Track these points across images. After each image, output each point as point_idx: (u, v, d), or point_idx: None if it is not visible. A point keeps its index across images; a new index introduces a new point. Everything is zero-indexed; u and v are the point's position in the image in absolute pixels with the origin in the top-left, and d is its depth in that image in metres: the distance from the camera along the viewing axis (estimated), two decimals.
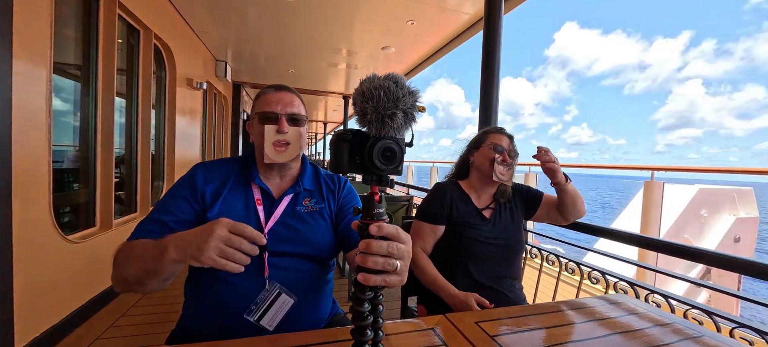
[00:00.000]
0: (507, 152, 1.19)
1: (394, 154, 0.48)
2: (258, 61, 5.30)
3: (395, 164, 0.49)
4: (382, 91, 0.45)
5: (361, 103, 0.47)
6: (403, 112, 0.47)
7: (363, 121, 0.48)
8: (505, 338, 0.73)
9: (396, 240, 0.52)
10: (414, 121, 0.49)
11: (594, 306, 0.96)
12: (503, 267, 1.17)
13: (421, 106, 0.48)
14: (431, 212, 1.22)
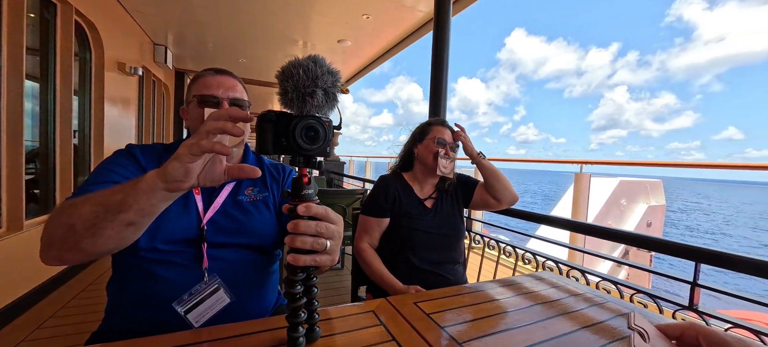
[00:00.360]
0: (449, 145, 1.24)
1: (318, 133, 0.49)
2: (204, 47, 4.94)
3: (319, 144, 0.50)
4: (301, 69, 0.45)
5: (283, 81, 0.47)
6: (323, 90, 0.47)
7: (285, 100, 0.48)
8: (440, 314, 0.77)
9: (325, 220, 0.53)
10: (336, 101, 0.50)
11: (522, 283, 1.05)
12: (444, 252, 1.23)
13: (344, 87, 0.49)
14: (376, 206, 1.24)
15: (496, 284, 1.04)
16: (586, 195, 3.40)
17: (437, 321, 0.73)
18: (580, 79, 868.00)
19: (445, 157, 1.21)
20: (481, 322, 0.76)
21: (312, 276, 0.58)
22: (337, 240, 0.55)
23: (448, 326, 0.71)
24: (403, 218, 1.22)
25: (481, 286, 1.02)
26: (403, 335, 0.67)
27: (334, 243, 0.55)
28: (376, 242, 1.24)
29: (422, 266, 1.18)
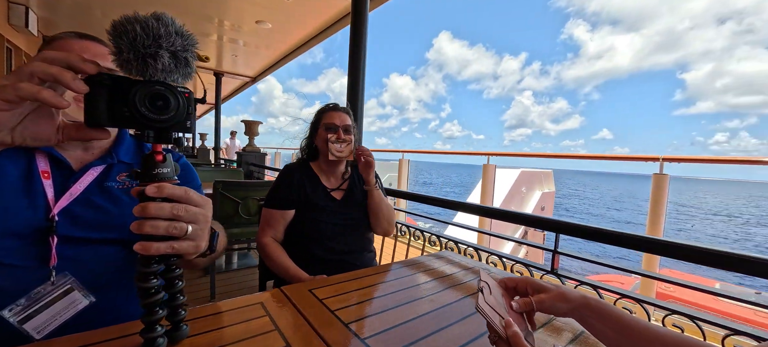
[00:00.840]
0: (341, 128, 1.21)
1: (168, 101, 0.43)
2: (89, 12, 4.03)
3: (171, 114, 0.43)
4: (138, 25, 0.39)
5: (115, 39, 0.39)
6: (170, 53, 0.41)
7: (120, 61, 0.40)
8: (334, 299, 0.77)
9: (185, 203, 0.47)
10: (190, 68, 0.44)
11: (423, 262, 1.12)
12: (354, 241, 1.22)
13: (202, 53, 0.44)
14: (279, 197, 1.18)
15: (399, 265, 1.08)
16: (492, 184, 3.81)
17: (330, 306, 0.73)
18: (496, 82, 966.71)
19: (337, 142, 1.18)
20: (375, 302, 0.78)
21: (174, 266, 0.51)
22: (202, 225, 0.50)
23: (339, 309, 0.71)
24: (309, 209, 1.18)
25: (382, 268, 1.05)
26: (289, 324, 0.64)
27: (198, 227, 0.49)
28: (280, 235, 1.18)
29: (330, 256, 1.16)
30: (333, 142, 1.17)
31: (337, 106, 1.27)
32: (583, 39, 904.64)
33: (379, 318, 0.70)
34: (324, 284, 0.85)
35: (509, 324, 0.44)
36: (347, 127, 1.22)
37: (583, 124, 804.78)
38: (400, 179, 5.27)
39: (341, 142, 1.18)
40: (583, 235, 1.04)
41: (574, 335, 0.69)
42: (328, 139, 1.16)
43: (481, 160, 4.05)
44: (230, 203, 2.36)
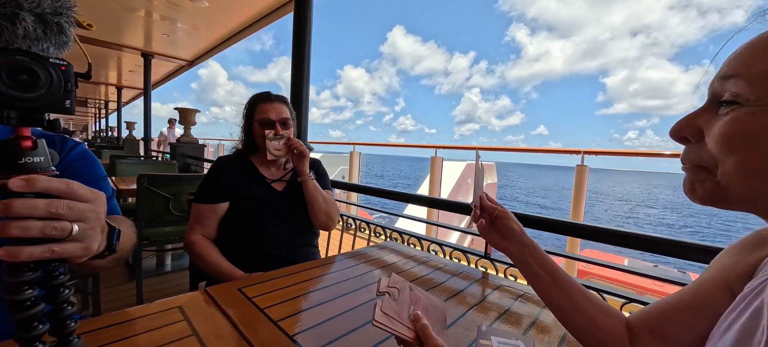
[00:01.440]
0: (278, 123, 1.11)
1: (36, 76, 0.35)
2: None
3: (40, 91, 0.36)
4: None
5: None
6: (35, 15, 0.34)
7: None
8: (266, 297, 0.73)
9: (67, 198, 0.40)
10: (64, 36, 0.37)
11: (366, 253, 1.12)
12: (299, 236, 1.17)
13: (81, 19, 0.37)
14: (210, 191, 1.08)
15: (342, 257, 1.07)
16: (439, 176, 3.96)
17: (260, 304, 0.68)
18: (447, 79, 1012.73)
19: (274, 139, 1.09)
20: (311, 296, 0.76)
21: (57, 273, 0.43)
22: (92, 223, 0.43)
23: (270, 307, 0.67)
24: (247, 202, 1.10)
25: (322, 262, 1.03)
26: (210, 328, 0.59)
27: (86, 226, 0.42)
28: (212, 231, 1.09)
29: (270, 250, 1.10)
30: (270, 139, 1.08)
31: (270, 96, 1.16)
32: (524, 42, 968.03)
33: (313, 313, 0.67)
34: (256, 281, 0.80)
35: (418, 318, 0.45)
36: (285, 120, 1.14)
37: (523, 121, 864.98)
38: (352, 171, 5.23)
39: (279, 138, 1.10)
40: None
41: (499, 313, 0.74)
42: (266, 136, 1.08)
43: (431, 153, 4.18)
44: (159, 199, 2.13)
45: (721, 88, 0.33)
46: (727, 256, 0.47)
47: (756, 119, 0.30)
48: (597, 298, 0.54)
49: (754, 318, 0.39)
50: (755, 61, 0.30)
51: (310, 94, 2.19)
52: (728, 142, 0.31)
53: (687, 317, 0.47)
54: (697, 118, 0.35)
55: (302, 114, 2.07)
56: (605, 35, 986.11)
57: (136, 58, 5.80)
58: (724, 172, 0.32)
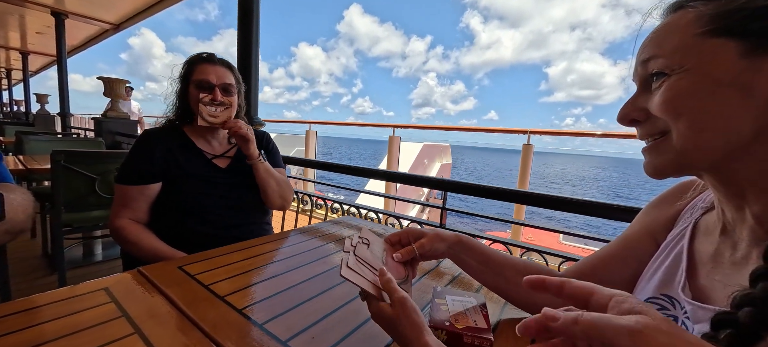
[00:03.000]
0: (219, 88, 1.00)
1: None
2: None
3: None
4: None
5: None
6: None
7: None
8: (211, 273, 0.67)
9: None
10: None
11: (322, 228, 1.08)
12: (246, 214, 1.08)
13: None
14: (136, 170, 0.95)
15: (296, 232, 1.03)
16: (397, 155, 3.99)
17: (204, 281, 0.63)
18: (405, 62, 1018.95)
19: (210, 104, 0.97)
20: (261, 270, 0.71)
21: None
22: None
23: (216, 283, 0.62)
24: (185, 181, 0.98)
25: (275, 237, 0.98)
26: (144, 308, 0.53)
27: None
28: (143, 215, 0.97)
29: (214, 232, 1.00)
30: (206, 103, 0.96)
31: (212, 58, 1.03)
32: (477, 30, 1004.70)
33: (264, 286, 0.64)
34: (201, 259, 0.73)
35: (383, 273, 0.44)
36: (227, 87, 1.02)
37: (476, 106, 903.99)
38: (308, 152, 5.07)
39: (218, 104, 0.98)
40: (465, 191, 1.17)
41: (452, 276, 0.76)
42: (201, 99, 0.96)
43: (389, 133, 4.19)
44: (82, 179, 1.87)
45: (645, 71, 0.37)
46: (650, 210, 0.52)
47: (685, 81, 0.33)
48: (530, 268, 0.58)
49: (675, 262, 0.43)
50: (664, 41, 0.35)
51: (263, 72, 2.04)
52: (672, 104, 0.34)
53: (616, 266, 0.52)
54: (637, 100, 0.38)
55: (251, 88, 1.92)
56: (548, 28, 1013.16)
57: (44, 17, 4.91)
58: (679, 134, 0.34)
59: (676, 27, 0.35)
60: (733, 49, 0.31)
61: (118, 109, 3.65)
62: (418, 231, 0.58)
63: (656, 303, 0.43)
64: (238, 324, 0.50)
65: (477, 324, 0.49)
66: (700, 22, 0.33)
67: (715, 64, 0.32)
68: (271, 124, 17.75)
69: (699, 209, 0.45)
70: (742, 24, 0.31)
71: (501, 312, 0.61)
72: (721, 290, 0.36)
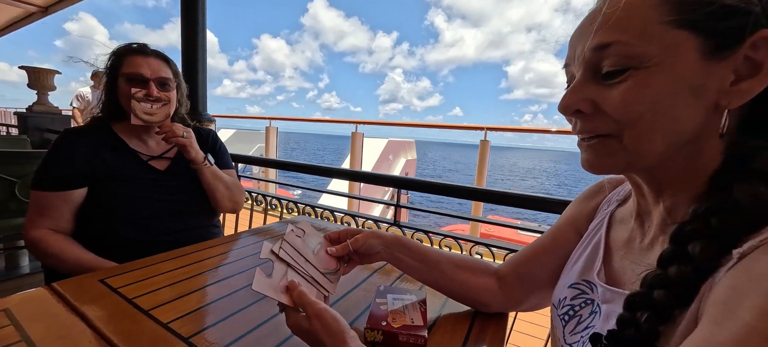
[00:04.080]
0: (154, 82, 0.91)
1: None
2: None
3: None
4: None
5: None
6: None
7: None
8: (139, 284, 0.62)
9: None
10: None
11: (275, 228, 1.05)
12: (190, 218, 1.00)
13: None
14: (55, 174, 0.85)
15: (246, 234, 0.98)
16: (360, 151, 3.98)
17: (127, 294, 0.58)
18: (371, 57, 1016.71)
19: (145, 100, 0.88)
20: (199, 278, 0.67)
21: None
22: None
23: (142, 296, 0.57)
24: (115, 184, 0.89)
25: (220, 241, 0.93)
26: (52, 329, 0.47)
27: None
28: (66, 224, 0.86)
29: (153, 239, 0.92)
30: (139, 99, 0.87)
31: (145, 49, 0.94)
32: (442, 27, 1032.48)
33: (195, 297, 0.60)
34: (129, 269, 0.67)
35: (293, 287, 0.43)
36: (164, 81, 0.94)
37: (442, 102, 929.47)
38: (268, 149, 4.88)
39: (154, 100, 0.90)
40: (418, 188, 1.19)
41: (399, 274, 0.77)
42: (133, 95, 0.87)
43: (352, 130, 4.15)
44: (1, 184, 1.65)
45: (598, 58, 0.33)
46: (575, 204, 0.56)
47: (653, 78, 0.30)
48: (468, 262, 0.60)
49: (594, 250, 0.47)
50: (628, 25, 0.30)
51: (222, 64, 1.92)
52: (632, 107, 0.31)
53: (546, 257, 0.55)
54: (584, 89, 0.34)
55: (199, 82, 1.80)
56: (507, 29, 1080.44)
57: None
58: (633, 135, 0.32)
59: (640, 8, 0.30)
60: (694, 46, 0.29)
61: (47, 103, 3.26)
62: (356, 230, 0.59)
63: (578, 288, 0.46)
64: (159, 339, 0.47)
65: (414, 322, 0.49)
66: (666, 6, 0.29)
67: (679, 61, 0.29)
68: (230, 120, 16.91)
69: (614, 202, 0.49)
70: (707, 20, 0.28)
71: (442, 306, 0.62)
72: (631, 272, 0.39)
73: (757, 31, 0.28)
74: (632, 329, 0.32)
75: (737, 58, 0.29)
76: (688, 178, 0.34)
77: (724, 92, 0.30)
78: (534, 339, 1.47)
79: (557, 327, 0.47)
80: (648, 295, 0.31)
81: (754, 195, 0.28)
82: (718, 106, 0.30)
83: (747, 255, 0.26)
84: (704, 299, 0.28)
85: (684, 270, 0.29)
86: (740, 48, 0.29)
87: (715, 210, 0.29)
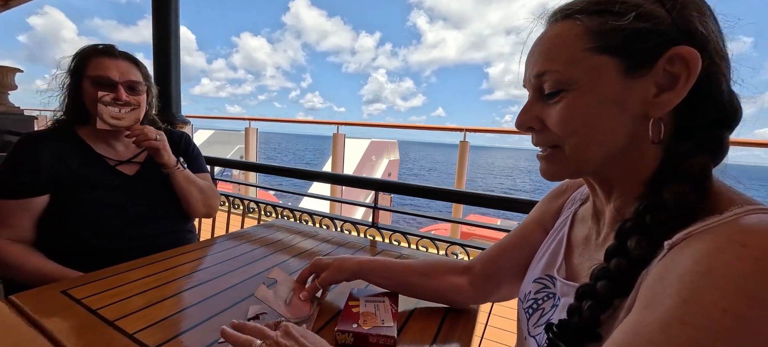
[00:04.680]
0: (123, 86, 0.87)
1: None
2: None
3: None
4: None
5: None
6: None
7: None
8: (105, 294, 0.60)
9: None
10: None
11: (252, 232, 1.04)
12: (163, 223, 0.97)
13: None
14: (14, 181, 0.81)
15: (223, 239, 0.97)
16: (342, 153, 3.96)
17: (92, 305, 0.56)
18: (354, 57, 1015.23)
19: (112, 104, 0.85)
20: (169, 286, 0.66)
21: None
22: None
23: (107, 307, 0.56)
24: (81, 191, 0.85)
25: (197, 245, 0.91)
26: (8, 344, 0.46)
27: None
28: (27, 233, 0.82)
29: (122, 247, 0.88)
30: (107, 103, 0.84)
31: (113, 51, 0.90)
32: (424, 29, 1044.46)
33: (165, 305, 0.59)
34: (95, 279, 0.65)
35: (277, 325, 0.44)
36: (133, 85, 0.90)
37: (425, 103, 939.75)
38: (248, 151, 4.78)
39: (123, 105, 0.86)
40: (396, 191, 1.20)
41: None
42: (100, 99, 0.84)
43: (334, 131, 4.12)
44: None
45: (539, 83, 0.38)
46: (542, 203, 0.59)
47: (579, 99, 0.35)
48: (437, 267, 0.63)
49: (557, 247, 0.50)
50: (557, 55, 0.36)
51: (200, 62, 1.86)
52: (569, 123, 0.36)
53: (514, 253, 0.58)
54: (533, 109, 0.40)
55: (172, 81, 1.75)
56: (487, 31, 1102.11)
57: None
58: (570, 147, 0.37)
59: (566, 40, 0.36)
60: (613, 67, 0.33)
61: (7, 103, 3.07)
62: (322, 265, 0.61)
63: (541, 283, 0.49)
64: None
65: (384, 323, 0.51)
66: (587, 36, 0.34)
67: (601, 81, 0.34)
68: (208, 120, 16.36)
69: (578, 201, 0.53)
70: (622, 44, 0.33)
71: (415, 304, 0.64)
72: (586, 268, 0.42)
73: (670, 49, 0.31)
74: (577, 317, 0.35)
75: (657, 72, 0.32)
76: (631, 180, 0.37)
77: (649, 103, 0.33)
78: (507, 333, 1.52)
79: (523, 320, 0.49)
80: (593, 286, 0.34)
81: (679, 194, 0.31)
82: (646, 116, 0.34)
83: (675, 247, 0.29)
84: (640, 288, 0.31)
85: (622, 263, 0.32)
86: (657, 64, 0.32)
87: (649, 208, 0.33)
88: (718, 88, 0.33)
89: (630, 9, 0.32)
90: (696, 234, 0.28)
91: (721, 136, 0.33)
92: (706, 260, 0.26)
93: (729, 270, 0.24)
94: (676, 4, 0.32)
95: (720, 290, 0.24)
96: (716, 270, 0.25)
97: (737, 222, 0.27)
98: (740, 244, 0.25)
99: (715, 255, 0.26)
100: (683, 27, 0.32)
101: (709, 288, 0.24)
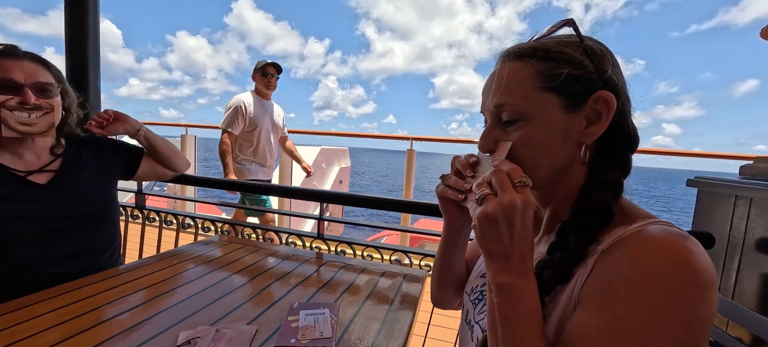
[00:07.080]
0: (30, 88, 0.80)
1: None
2: None
3: None
4: None
5: None
6: None
7: None
8: (21, 327, 0.54)
9: None
10: None
11: (188, 250, 0.99)
12: (81, 240, 0.88)
13: None
14: None
15: (153, 259, 0.91)
16: (289, 161, 3.86)
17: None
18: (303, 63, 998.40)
19: (19, 109, 0.80)
20: (84, 318, 0.61)
21: None
22: None
23: (13, 344, 0.51)
24: None
25: (124, 269, 0.85)
26: None
27: None
28: None
29: (40, 270, 0.79)
30: (11, 108, 0.76)
31: (15, 51, 0.82)
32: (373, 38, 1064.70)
33: (84, 338, 0.55)
34: (3, 311, 0.58)
35: None
36: (43, 87, 0.83)
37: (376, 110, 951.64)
38: None
39: (33, 109, 0.79)
40: (342, 202, 1.23)
41: (318, 287, 0.80)
42: (2, 103, 0.75)
43: None
44: None
45: (498, 112, 0.45)
46: None
47: (531, 129, 0.42)
48: None
49: None
50: (512, 91, 0.43)
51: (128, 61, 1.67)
52: (524, 149, 0.43)
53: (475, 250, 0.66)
54: (492, 133, 0.46)
55: (90, 82, 1.57)
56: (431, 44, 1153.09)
57: None
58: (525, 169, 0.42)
59: (520, 78, 0.43)
60: (557, 103, 0.41)
61: None
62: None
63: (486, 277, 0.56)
64: None
65: (323, 335, 0.53)
66: (536, 77, 0.42)
67: (548, 115, 0.42)
68: None
69: None
70: (563, 86, 0.41)
71: (356, 313, 0.68)
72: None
73: (596, 91, 0.41)
74: None
75: (587, 109, 0.42)
76: (564, 192, 0.46)
77: (582, 133, 0.42)
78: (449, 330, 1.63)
79: (469, 310, 0.56)
80: (539, 275, 0.41)
81: (603, 199, 0.40)
82: (579, 143, 0.43)
83: (605, 251, 0.37)
84: (579, 279, 0.38)
85: (563, 256, 0.40)
86: (587, 103, 0.41)
87: (582, 210, 0.41)
88: (626, 122, 0.43)
89: (568, 59, 0.41)
90: (620, 241, 0.37)
91: (628, 157, 0.44)
92: (637, 264, 0.34)
93: (655, 270, 0.33)
94: (596, 59, 0.41)
95: (649, 288, 0.32)
96: (645, 271, 0.33)
97: (646, 232, 0.36)
98: (657, 250, 0.34)
99: (642, 258, 0.34)
100: (603, 76, 0.41)
101: (642, 288, 0.33)
